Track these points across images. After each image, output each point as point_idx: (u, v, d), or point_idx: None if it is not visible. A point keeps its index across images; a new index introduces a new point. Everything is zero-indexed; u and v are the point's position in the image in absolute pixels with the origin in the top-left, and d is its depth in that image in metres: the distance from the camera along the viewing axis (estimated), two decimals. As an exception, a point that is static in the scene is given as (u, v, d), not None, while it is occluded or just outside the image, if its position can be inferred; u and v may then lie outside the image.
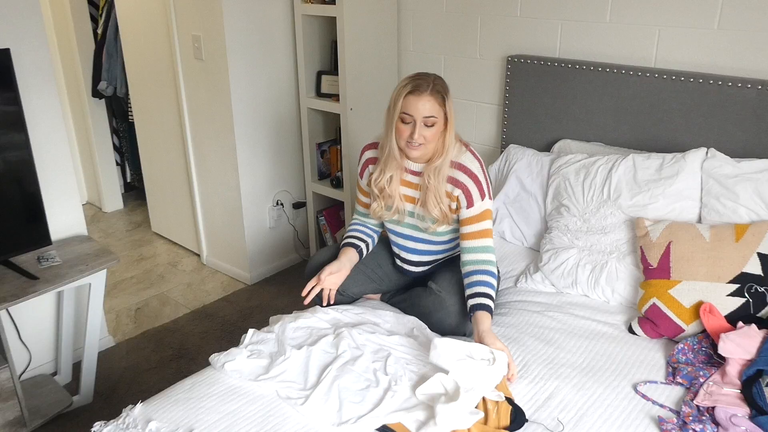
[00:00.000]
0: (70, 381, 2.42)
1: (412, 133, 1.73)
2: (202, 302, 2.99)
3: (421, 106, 1.70)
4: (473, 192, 1.80)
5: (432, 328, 1.81)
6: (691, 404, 1.47)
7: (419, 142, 1.75)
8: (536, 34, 2.52)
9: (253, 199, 3.05)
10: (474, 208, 1.81)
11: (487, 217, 1.84)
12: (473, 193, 1.80)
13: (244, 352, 1.65)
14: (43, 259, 2.09)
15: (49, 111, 2.19)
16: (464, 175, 1.80)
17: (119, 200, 4.13)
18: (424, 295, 1.88)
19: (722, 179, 1.94)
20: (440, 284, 1.87)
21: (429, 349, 1.57)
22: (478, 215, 1.82)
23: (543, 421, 1.44)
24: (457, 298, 1.82)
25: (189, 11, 2.83)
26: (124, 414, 1.47)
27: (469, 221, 1.83)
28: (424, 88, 1.70)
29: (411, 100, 1.71)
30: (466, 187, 1.80)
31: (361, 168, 1.98)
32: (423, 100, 1.70)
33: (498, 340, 1.61)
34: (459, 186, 1.80)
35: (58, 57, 3.79)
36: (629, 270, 1.95)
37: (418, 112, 1.71)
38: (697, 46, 2.14)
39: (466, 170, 1.81)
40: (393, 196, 1.88)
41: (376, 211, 1.93)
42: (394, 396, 1.48)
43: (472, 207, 1.81)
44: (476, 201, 1.81)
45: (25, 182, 2.00)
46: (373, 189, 1.90)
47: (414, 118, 1.72)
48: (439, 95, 1.71)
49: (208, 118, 2.98)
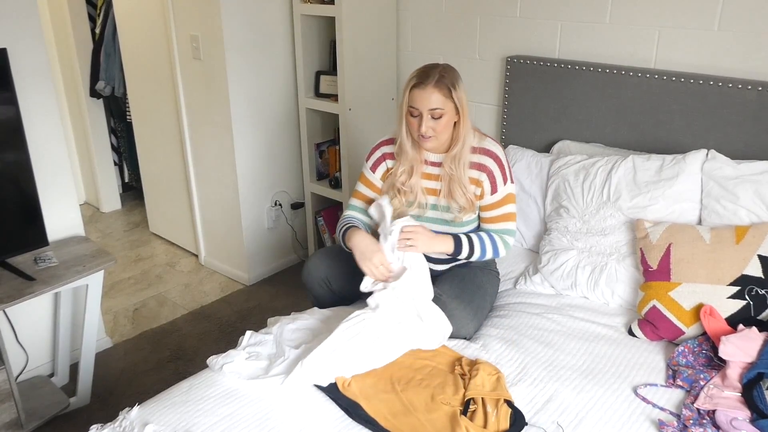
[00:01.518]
0: (68, 382, 2.41)
1: (420, 126, 1.76)
2: (200, 303, 2.98)
3: (426, 98, 1.72)
4: (497, 177, 1.84)
5: None
6: (691, 407, 1.47)
7: (429, 135, 1.77)
8: (536, 34, 2.51)
9: (251, 200, 3.04)
10: (497, 194, 1.86)
11: (509, 201, 1.88)
12: (497, 178, 1.84)
13: (242, 353, 1.65)
14: (40, 260, 2.08)
15: (47, 111, 2.18)
16: (489, 159, 1.84)
17: (117, 200, 4.12)
18: None
19: (722, 181, 1.93)
20: (442, 288, 1.86)
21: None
22: (500, 200, 1.87)
23: (542, 425, 1.44)
24: (459, 302, 1.81)
25: (187, 11, 2.82)
26: (120, 416, 1.46)
27: (491, 207, 1.88)
28: (428, 81, 1.72)
29: (416, 93, 1.73)
30: (491, 171, 1.83)
31: (375, 162, 1.97)
32: (427, 92, 1.72)
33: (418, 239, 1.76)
34: (484, 170, 1.84)
35: (55, 57, 3.78)
36: (629, 272, 1.94)
37: (424, 105, 1.73)
38: (697, 47, 2.14)
39: (491, 154, 1.84)
40: (414, 190, 1.89)
41: (397, 208, 1.91)
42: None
43: (495, 193, 1.85)
44: (499, 186, 1.85)
45: (22, 183, 1.99)
46: (395, 184, 1.90)
47: (420, 110, 1.74)
48: (444, 87, 1.72)
49: (206, 118, 2.97)
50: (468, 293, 1.85)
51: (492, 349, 1.72)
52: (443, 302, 1.80)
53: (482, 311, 1.88)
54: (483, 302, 1.89)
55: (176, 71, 2.98)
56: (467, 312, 1.80)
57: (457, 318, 1.79)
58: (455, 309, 1.79)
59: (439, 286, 1.87)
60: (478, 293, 1.88)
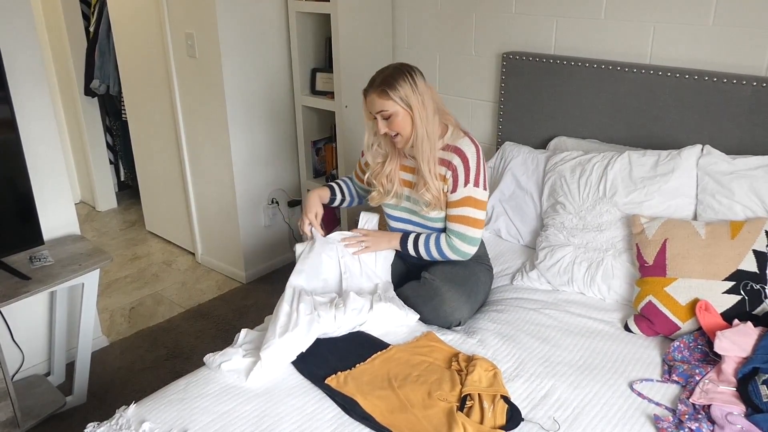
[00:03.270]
0: (64, 381, 2.41)
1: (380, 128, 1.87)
2: (196, 301, 2.98)
3: (370, 103, 1.84)
4: (460, 176, 1.86)
5: (427, 317, 1.83)
6: (687, 402, 1.47)
7: (390, 134, 1.86)
8: (531, 30, 2.51)
9: (247, 198, 3.03)
10: (456, 194, 1.88)
11: (469, 204, 1.88)
12: (460, 178, 1.86)
13: (239, 351, 1.65)
14: (35, 259, 2.08)
15: (41, 110, 2.17)
16: (457, 157, 1.86)
17: (113, 199, 4.11)
18: (418, 286, 1.89)
19: (718, 176, 1.94)
20: (434, 273, 1.90)
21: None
22: (458, 200, 1.88)
23: (539, 420, 1.44)
24: (451, 285, 1.85)
25: (182, 8, 2.81)
26: (117, 415, 1.46)
27: (450, 205, 1.91)
28: (371, 86, 1.84)
29: (366, 98, 1.86)
30: (455, 169, 1.86)
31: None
32: (370, 97, 1.83)
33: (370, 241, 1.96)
34: (450, 167, 1.86)
35: (50, 55, 3.77)
36: (625, 267, 1.95)
37: (372, 109, 1.85)
38: (692, 42, 2.14)
39: (459, 152, 1.86)
40: (393, 181, 1.97)
41: (374, 198, 2.02)
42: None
43: (455, 192, 1.88)
44: (460, 186, 1.87)
45: (17, 181, 1.98)
46: (375, 170, 2.00)
47: (372, 113, 1.85)
48: (381, 90, 1.80)
49: (202, 115, 2.96)
50: (460, 278, 1.90)
51: (489, 344, 1.72)
52: (435, 287, 1.84)
53: (475, 296, 1.90)
54: (476, 287, 1.91)
55: (171, 69, 2.97)
56: (460, 294, 1.84)
57: (450, 300, 1.81)
58: (447, 291, 1.83)
59: (432, 273, 1.91)
60: (470, 279, 1.92)
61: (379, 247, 1.98)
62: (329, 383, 1.54)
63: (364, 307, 1.76)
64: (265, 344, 1.59)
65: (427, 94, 1.83)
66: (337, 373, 1.57)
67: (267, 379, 1.57)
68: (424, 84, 1.84)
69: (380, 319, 1.77)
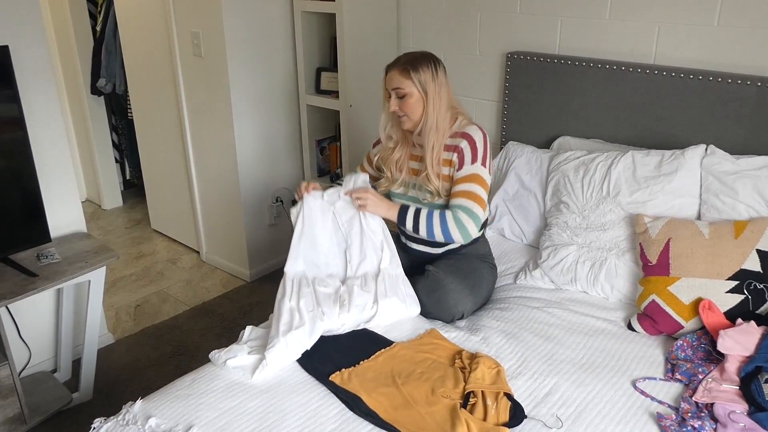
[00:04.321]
0: (70, 378, 2.42)
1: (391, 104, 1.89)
2: (201, 299, 2.99)
3: (390, 78, 1.89)
4: (467, 155, 1.87)
5: (430, 310, 1.84)
6: (689, 401, 1.47)
7: (399, 113, 1.90)
8: (536, 30, 2.51)
9: (252, 196, 3.04)
10: (463, 170, 1.88)
11: (475, 181, 1.88)
12: (466, 156, 1.87)
13: (245, 348, 1.66)
14: (42, 256, 2.09)
15: (48, 108, 2.19)
16: (463, 140, 1.89)
17: (119, 197, 4.13)
18: (422, 279, 1.90)
19: (721, 176, 1.94)
20: (438, 266, 1.92)
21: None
22: (465, 176, 1.88)
23: (542, 418, 1.45)
24: (455, 277, 1.86)
25: (188, 8, 2.82)
26: (123, 410, 1.47)
27: (456, 182, 1.90)
28: (395, 63, 1.88)
29: (387, 74, 1.91)
30: (461, 150, 1.88)
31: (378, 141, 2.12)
32: (391, 73, 1.88)
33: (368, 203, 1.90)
34: (456, 150, 1.89)
35: (57, 54, 3.79)
36: (628, 267, 1.95)
37: (389, 84, 1.89)
38: (697, 42, 2.14)
39: (466, 136, 1.89)
40: (402, 170, 2.00)
41: (382, 184, 2.05)
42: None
43: (461, 169, 1.88)
44: (467, 164, 1.88)
45: (25, 179, 2.00)
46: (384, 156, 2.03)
47: (389, 90, 1.90)
48: (404, 68, 1.85)
49: (207, 114, 2.98)
50: (463, 271, 1.91)
51: (492, 342, 1.73)
52: (438, 279, 1.85)
53: (479, 290, 1.91)
54: (479, 282, 1.92)
55: (177, 68, 2.99)
56: (463, 286, 1.85)
57: (453, 292, 1.82)
58: (450, 283, 1.84)
59: (437, 266, 1.93)
60: (473, 273, 1.93)
61: (377, 211, 1.92)
62: (333, 380, 1.55)
63: (368, 303, 1.77)
64: (270, 344, 1.60)
65: (445, 88, 1.89)
66: (341, 370, 1.58)
67: (272, 375, 1.58)
68: (445, 78, 1.89)
69: (383, 315, 1.78)
